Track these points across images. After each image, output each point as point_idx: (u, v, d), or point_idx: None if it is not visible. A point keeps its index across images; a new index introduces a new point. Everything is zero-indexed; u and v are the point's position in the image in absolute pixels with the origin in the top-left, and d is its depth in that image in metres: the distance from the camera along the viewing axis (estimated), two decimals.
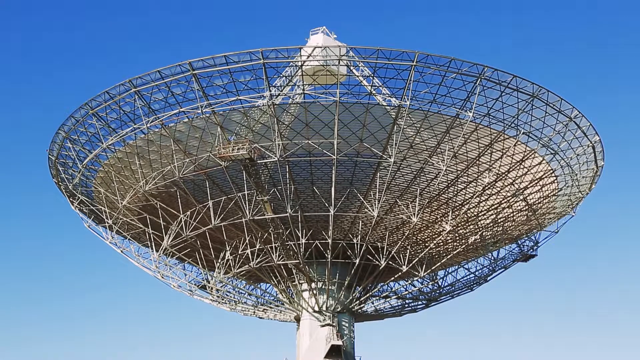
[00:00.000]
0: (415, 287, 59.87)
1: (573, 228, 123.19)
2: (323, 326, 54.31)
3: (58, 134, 50.04)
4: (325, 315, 54.83)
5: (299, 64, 43.92)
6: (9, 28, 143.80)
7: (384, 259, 52.29)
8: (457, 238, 55.48)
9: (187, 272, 58.58)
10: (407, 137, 46.37)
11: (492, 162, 48.47)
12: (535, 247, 57.86)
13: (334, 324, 54.32)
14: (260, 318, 62.22)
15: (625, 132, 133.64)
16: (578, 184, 52.12)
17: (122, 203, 51.35)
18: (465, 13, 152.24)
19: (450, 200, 51.40)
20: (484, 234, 54.26)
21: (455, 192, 50.72)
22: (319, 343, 53.31)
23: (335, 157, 44.99)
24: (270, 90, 43.26)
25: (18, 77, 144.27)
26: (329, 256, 51.31)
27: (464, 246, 54.90)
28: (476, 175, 49.29)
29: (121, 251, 56.13)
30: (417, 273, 53.73)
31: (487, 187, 49.87)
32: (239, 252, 52.56)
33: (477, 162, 48.23)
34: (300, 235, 50.31)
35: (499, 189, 50.73)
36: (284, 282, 56.07)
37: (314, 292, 54.80)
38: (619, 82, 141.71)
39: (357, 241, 52.20)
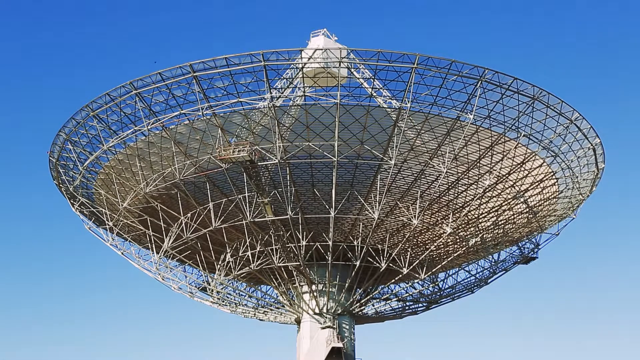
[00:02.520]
0: (415, 289, 59.84)
1: (574, 230, 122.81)
2: (323, 328, 54.25)
3: (59, 135, 50.02)
4: (326, 317, 54.78)
5: (300, 66, 43.85)
6: (9, 28, 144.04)
7: (384, 261, 52.26)
8: (458, 240, 55.42)
9: (188, 274, 58.50)
10: (408, 140, 46.34)
11: (493, 164, 48.42)
12: (536, 250, 57.76)
13: (335, 326, 54.25)
14: (261, 320, 62.21)
15: (626, 134, 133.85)
16: (579, 186, 52.06)
17: (122, 205, 51.31)
18: (466, 15, 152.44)
19: (450, 203, 51.34)
20: (484, 236, 54.20)
21: (456, 195, 50.66)
22: (320, 345, 53.23)
23: (335, 159, 44.96)
24: (270, 92, 43.23)
25: (18, 78, 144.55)
26: (330, 258, 51.28)
27: (464, 248, 54.84)
28: (477, 178, 49.26)
29: (122, 253, 56.10)
30: (417, 275, 53.66)
31: (487, 190, 49.83)
32: (240, 254, 52.53)
33: (478, 164, 48.18)
34: (300, 237, 50.31)
35: (499, 191, 50.69)
36: (285, 284, 56.01)
37: (315, 294, 54.74)
38: (619, 84, 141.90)
39: (358, 243, 52.17)
